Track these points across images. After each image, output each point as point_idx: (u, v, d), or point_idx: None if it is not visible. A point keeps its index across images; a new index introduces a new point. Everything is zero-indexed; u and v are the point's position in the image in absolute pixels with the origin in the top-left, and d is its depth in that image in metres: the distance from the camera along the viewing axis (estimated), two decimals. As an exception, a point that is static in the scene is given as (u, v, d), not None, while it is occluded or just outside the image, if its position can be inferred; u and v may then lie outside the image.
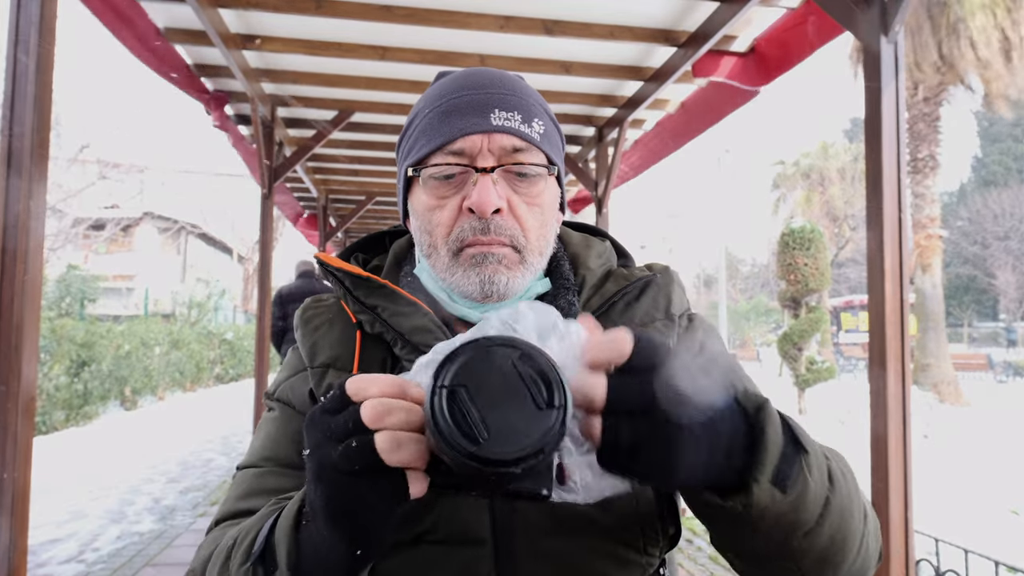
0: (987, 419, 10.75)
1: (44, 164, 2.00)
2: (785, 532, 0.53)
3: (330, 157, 5.97)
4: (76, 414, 9.11)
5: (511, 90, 0.76)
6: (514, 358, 0.45)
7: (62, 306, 11.80)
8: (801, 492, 0.52)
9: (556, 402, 0.44)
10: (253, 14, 3.27)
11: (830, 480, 0.56)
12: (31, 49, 1.96)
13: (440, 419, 0.43)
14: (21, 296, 1.91)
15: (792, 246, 11.56)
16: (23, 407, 1.91)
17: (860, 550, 0.60)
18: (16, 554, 1.87)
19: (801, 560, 0.56)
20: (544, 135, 0.76)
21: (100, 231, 20.67)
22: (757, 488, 0.49)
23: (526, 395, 0.44)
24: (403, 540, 0.69)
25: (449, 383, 0.44)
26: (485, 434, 0.43)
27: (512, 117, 0.74)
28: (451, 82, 0.78)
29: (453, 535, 0.67)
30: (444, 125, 0.74)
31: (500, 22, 3.30)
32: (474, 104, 0.74)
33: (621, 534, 0.70)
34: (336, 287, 0.80)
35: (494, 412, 0.43)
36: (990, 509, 5.44)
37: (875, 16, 2.13)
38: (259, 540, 0.56)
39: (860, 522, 0.60)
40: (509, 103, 0.75)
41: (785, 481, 0.50)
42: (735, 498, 0.50)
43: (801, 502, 0.52)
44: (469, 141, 0.72)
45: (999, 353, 24.08)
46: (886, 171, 2.10)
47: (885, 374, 2.04)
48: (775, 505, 0.50)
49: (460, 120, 0.73)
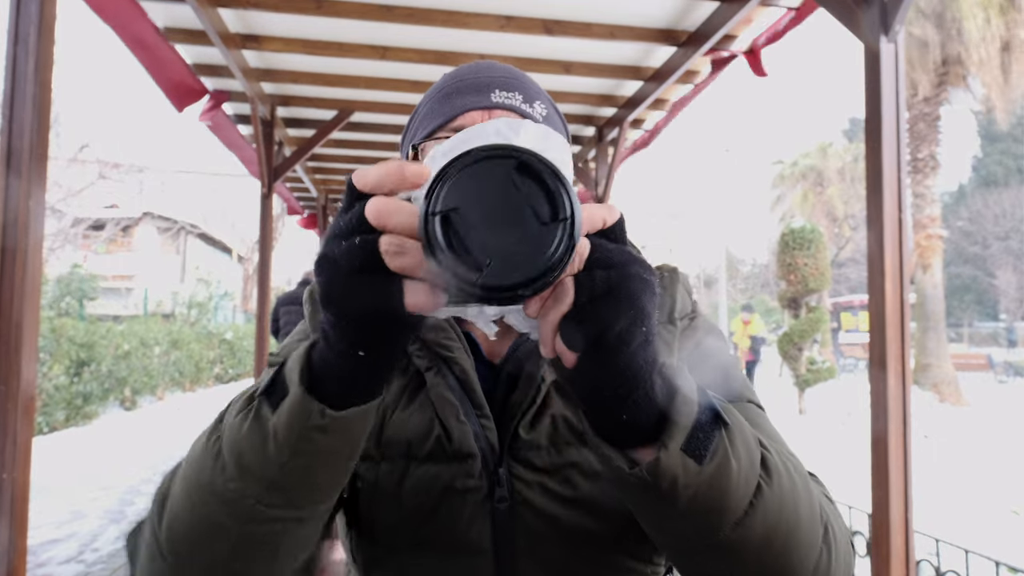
0: (987, 419, 10.75)
1: (43, 164, 2.00)
2: (709, 516, 0.48)
3: (330, 157, 5.97)
4: (76, 414, 9.11)
5: (512, 75, 0.77)
6: (511, 168, 0.40)
7: (62, 306, 11.80)
8: (721, 468, 0.47)
9: (561, 214, 0.40)
10: (253, 14, 3.27)
11: (764, 468, 0.51)
12: (31, 49, 1.96)
13: (437, 249, 0.39)
14: (21, 296, 1.91)
15: (792, 246, 11.56)
16: (23, 407, 1.91)
17: (815, 568, 0.53)
18: (15, 554, 1.87)
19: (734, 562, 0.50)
20: (546, 118, 0.76)
21: (100, 231, 20.67)
22: (665, 454, 0.45)
23: (527, 210, 0.40)
24: (402, 548, 0.68)
25: (441, 208, 0.39)
26: (487, 260, 0.39)
27: (513, 96, 0.74)
28: (452, 72, 0.79)
29: (453, 544, 0.67)
30: (444, 106, 0.74)
31: (500, 22, 3.30)
32: (475, 85, 0.74)
33: (624, 543, 0.69)
34: None
35: (495, 234, 0.39)
36: (991, 509, 5.44)
37: (875, 16, 2.12)
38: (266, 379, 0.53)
39: (815, 535, 0.54)
40: (510, 85, 0.75)
41: (699, 450, 0.46)
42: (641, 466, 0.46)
43: (722, 480, 0.47)
44: (469, 117, 0.72)
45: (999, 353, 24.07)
46: (886, 171, 2.10)
47: (885, 374, 2.04)
48: (688, 477, 0.46)
49: (460, 99, 0.74)
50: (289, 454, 0.49)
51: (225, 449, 0.52)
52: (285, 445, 0.49)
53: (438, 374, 0.71)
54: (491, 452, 0.69)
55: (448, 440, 0.69)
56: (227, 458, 0.52)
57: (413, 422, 0.70)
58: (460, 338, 0.73)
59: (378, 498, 0.69)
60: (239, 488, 0.51)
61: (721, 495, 0.47)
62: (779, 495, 0.51)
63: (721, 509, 0.48)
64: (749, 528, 0.49)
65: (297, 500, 0.52)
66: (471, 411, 0.70)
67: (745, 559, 0.50)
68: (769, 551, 0.50)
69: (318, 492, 0.53)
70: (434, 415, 0.70)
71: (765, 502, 0.50)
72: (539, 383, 0.70)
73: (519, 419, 0.70)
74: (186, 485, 0.54)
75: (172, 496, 0.56)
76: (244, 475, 0.51)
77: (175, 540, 0.54)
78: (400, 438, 0.70)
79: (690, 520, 0.49)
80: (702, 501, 0.47)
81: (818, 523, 0.55)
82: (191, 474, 0.54)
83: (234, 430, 0.52)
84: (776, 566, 0.51)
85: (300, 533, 0.55)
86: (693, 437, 0.47)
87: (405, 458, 0.69)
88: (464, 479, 0.68)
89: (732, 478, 0.48)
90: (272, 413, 0.50)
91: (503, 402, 0.72)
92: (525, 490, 0.68)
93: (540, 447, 0.69)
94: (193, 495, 0.53)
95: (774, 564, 0.51)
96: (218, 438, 0.53)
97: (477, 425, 0.70)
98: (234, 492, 0.51)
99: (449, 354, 0.72)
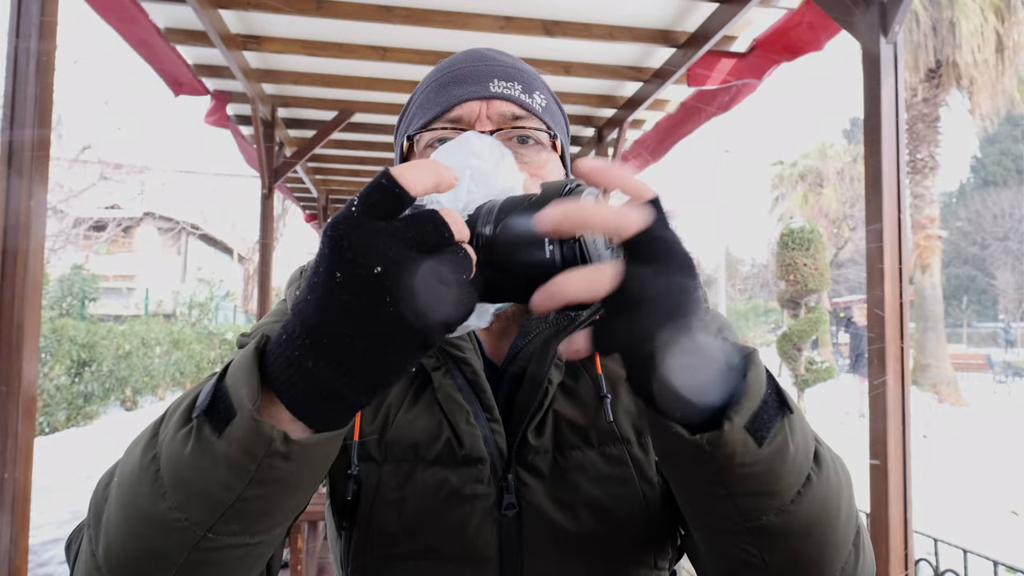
0: (986, 419, 10.75)
1: (45, 164, 2.00)
2: (756, 498, 0.47)
3: (330, 157, 5.98)
4: (77, 414, 9.12)
5: (511, 64, 0.75)
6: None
7: (63, 306, 11.80)
8: (779, 451, 0.46)
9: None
10: (253, 15, 3.27)
11: (816, 460, 0.51)
12: (32, 49, 1.96)
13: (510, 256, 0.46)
14: (22, 296, 1.91)
15: (791, 246, 11.55)
16: (24, 407, 1.91)
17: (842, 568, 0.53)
18: (17, 554, 1.87)
19: (769, 549, 0.50)
20: (546, 108, 0.74)
21: (101, 231, 20.67)
22: (729, 427, 0.45)
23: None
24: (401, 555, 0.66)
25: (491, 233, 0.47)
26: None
27: (512, 86, 0.72)
28: (449, 59, 0.77)
29: (458, 552, 0.65)
30: (441, 95, 0.72)
31: (500, 22, 3.31)
32: (473, 74, 0.72)
33: (631, 550, 0.68)
34: None
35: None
36: (989, 509, 5.44)
37: (874, 17, 2.13)
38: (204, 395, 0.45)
39: (849, 535, 0.53)
40: (509, 74, 0.73)
41: (762, 431, 0.46)
42: (704, 434, 0.45)
43: (777, 464, 0.47)
44: (467, 108, 0.71)
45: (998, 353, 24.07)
46: (885, 171, 2.11)
47: (885, 374, 2.04)
48: (747, 456, 0.45)
49: (457, 89, 0.71)
50: (245, 483, 0.43)
51: (165, 473, 0.45)
52: (240, 473, 0.42)
53: (447, 374, 0.69)
54: (500, 457, 0.67)
55: (459, 444, 0.66)
56: (167, 483, 0.45)
57: (420, 423, 0.68)
58: (470, 337, 0.71)
59: (379, 502, 0.66)
60: (185, 517, 0.44)
61: (773, 479, 0.47)
62: (825, 488, 0.50)
63: (770, 493, 0.48)
64: (793, 516, 0.49)
65: (254, 529, 0.46)
66: (480, 414, 0.68)
67: (782, 546, 0.50)
68: (807, 542, 0.50)
69: (279, 517, 0.48)
70: (443, 417, 0.68)
71: (813, 492, 0.49)
72: (545, 385, 0.68)
73: (527, 423, 0.67)
74: (122, 507, 0.48)
75: (108, 514, 0.49)
76: (190, 504, 0.44)
77: (113, 565, 0.48)
78: (406, 440, 0.67)
79: (736, 500, 0.48)
80: (753, 482, 0.47)
81: (853, 524, 0.55)
82: (127, 495, 0.47)
83: (174, 452, 0.45)
84: (809, 558, 0.51)
85: (255, 553, 0.49)
86: (758, 417, 0.46)
87: (411, 461, 0.67)
88: (473, 485, 0.65)
89: (787, 464, 0.47)
90: (217, 436, 0.42)
91: (507, 404, 0.69)
92: (532, 496, 0.66)
93: (546, 451, 0.68)
94: (131, 521, 0.47)
95: (808, 556, 0.51)
96: (155, 456, 0.46)
97: (487, 429, 0.67)
98: (179, 522, 0.44)
99: (460, 354, 0.69)
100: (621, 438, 0.69)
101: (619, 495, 0.67)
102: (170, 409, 0.49)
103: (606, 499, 0.67)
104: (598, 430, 0.69)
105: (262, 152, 4.47)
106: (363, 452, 0.68)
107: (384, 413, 0.69)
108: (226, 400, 0.43)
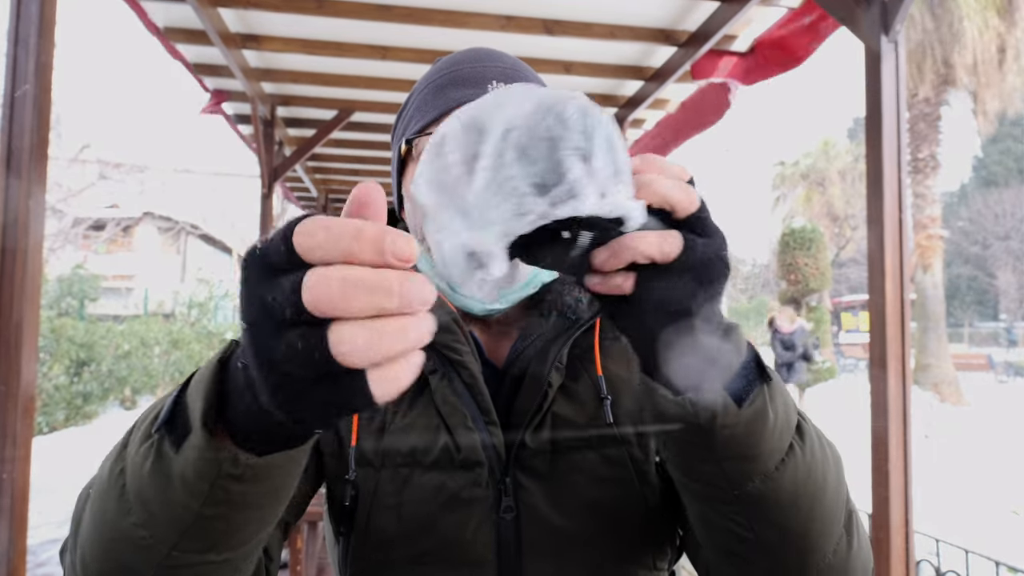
0: (987, 419, 10.75)
1: (43, 164, 2.00)
2: (741, 462, 0.49)
3: (330, 157, 5.98)
4: (76, 414, 9.12)
5: (511, 65, 0.74)
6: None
7: (62, 306, 11.81)
8: (759, 415, 0.48)
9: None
10: (253, 14, 3.27)
11: (799, 432, 0.52)
12: (31, 49, 1.96)
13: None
14: (21, 296, 1.91)
15: (793, 246, 11.57)
16: (23, 407, 1.91)
17: (834, 550, 0.53)
18: (15, 554, 1.87)
19: (757, 519, 0.51)
20: None
21: (100, 231, 20.68)
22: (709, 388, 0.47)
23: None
24: (400, 560, 0.66)
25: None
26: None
27: None
28: (448, 59, 0.76)
29: (456, 556, 0.65)
30: (439, 98, 0.71)
31: (500, 22, 3.30)
32: (471, 76, 0.71)
33: (629, 551, 0.67)
34: None
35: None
36: (991, 509, 5.44)
37: (876, 16, 2.12)
38: (165, 408, 0.43)
39: (838, 513, 0.54)
40: (507, 75, 0.72)
41: (741, 394, 0.47)
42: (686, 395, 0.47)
43: (759, 427, 0.48)
44: None
45: (999, 353, 24.06)
46: (887, 171, 2.10)
47: (885, 374, 2.04)
48: (727, 417, 0.47)
49: (456, 91, 0.70)
50: (200, 503, 0.41)
51: (129, 488, 0.44)
52: (195, 493, 0.40)
53: (444, 378, 0.68)
54: (497, 460, 0.67)
55: (456, 448, 0.66)
56: (132, 499, 0.44)
57: (417, 428, 0.67)
58: (468, 340, 0.70)
59: (377, 507, 0.66)
60: (149, 535, 0.43)
61: (756, 442, 0.48)
62: (810, 460, 0.51)
63: (753, 457, 0.49)
64: (778, 483, 0.50)
65: (219, 547, 0.45)
66: (479, 417, 0.67)
67: (769, 517, 0.51)
68: (793, 514, 0.51)
69: (244, 535, 0.45)
70: (440, 422, 0.67)
71: (796, 462, 0.50)
72: (545, 388, 0.68)
73: (526, 426, 0.67)
74: (93, 519, 0.47)
75: (83, 526, 0.48)
76: (153, 521, 0.43)
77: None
78: (403, 445, 0.67)
79: (722, 466, 0.49)
80: (735, 446, 0.48)
81: (843, 505, 0.55)
82: (97, 508, 0.47)
83: (136, 467, 0.43)
84: (797, 531, 0.52)
85: (225, 569, 0.47)
86: (736, 380, 0.48)
87: (408, 466, 0.67)
88: (471, 489, 0.65)
89: (768, 429, 0.49)
90: (175, 452, 0.41)
91: (507, 407, 0.69)
92: (530, 499, 0.66)
93: (545, 453, 0.67)
94: (103, 535, 0.46)
95: (796, 529, 0.51)
96: (122, 470, 0.45)
97: (485, 432, 0.67)
98: (144, 539, 0.43)
99: (457, 357, 0.68)
100: (621, 440, 0.69)
101: (618, 496, 0.67)
102: (138, 420, 0.47)
103: (605, 500, 0.67)
104: (597, 432, 0.69)
105: (261, 151, 4.47)
106: (360, 457, 0.67)
107: (381, 418, 0.69)
108: (184, 415, 0.41)
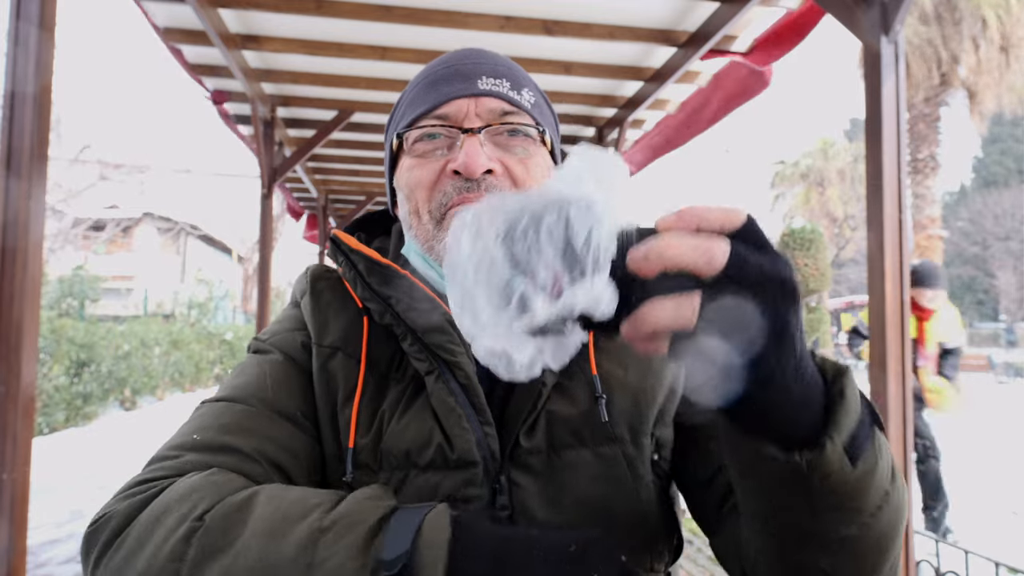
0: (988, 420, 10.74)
1: (43, 164, 2.00)
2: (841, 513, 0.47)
3: (330, 157, 5.97)
4: (76, 414, 9.11)
5: (500, 62, 0.76)
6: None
7: (62, 306, 11.80)
8: (869, 471, 0.46)
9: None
10: (253, 14, 3.27)
11: (893, 476, 0.50)
12: (31, 49, 1.96)
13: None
14: (21, 296, 1.91)
15: (792, 246, 11.58)
16: (23, 407, 1.91)
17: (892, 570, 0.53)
18: (15, 554, 1.87)
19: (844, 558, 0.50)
20: (535, 105, 0.74)
21: (100, 231, 20.68)
22: (831, 446, 0.44)
23: None
24: None
25: None
26: None
27: (500, 83, 0.72)
28: (440, 58, 0.77)
29: None
30: (430, 93, 0.72)
31: (500, 22, 3.30)
32: (462, 72, 0.73)
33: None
34: (347, 269, 0.74)
35: None
36: (991, 510, 5.44)
37: (875, 15, 2.12)
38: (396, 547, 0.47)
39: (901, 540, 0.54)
40: (498, 72, 0.73)
41: (857, 451, 0.45)
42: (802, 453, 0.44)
43: (867, 483, 0.46)
44: (455, 105, 0.71)
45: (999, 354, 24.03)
46: (887, 171, 2.10)
47: (885, 374, 2.04)
48: (840, 475, 0.45)
49: (446, 86, 0.72)
50: None
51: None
52: None
53: (439, 378, 0.69)
54: (492, 460, 0.67)
55: (450, 448, 0.66)
56: None
57: (412, 429, 0.68)
58: (463, 341, 0.70)
59: None
60: None
61: (860, 496, 0.47)
62: (899, 501, 0.50)
63: (856, 509, 0.47)
64: (870, 529, 0.48)
65: None
66: (473, 417, 0.68)
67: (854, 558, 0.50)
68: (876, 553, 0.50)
69: None
70: (435, 422, 0.68)
71: (891, 506, 0.49)
72: (540, 387, 0.68)
73: (520, 426, 0.68)
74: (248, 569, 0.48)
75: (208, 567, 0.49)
76: None
77: None
78: (399, 446, 0.67)
79: (820, 516, 0.47)
80: (840, 498, 0.46)
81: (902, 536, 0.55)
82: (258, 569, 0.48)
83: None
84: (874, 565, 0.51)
85: None
86: (855, 436, 0.45)
87: (404, 468, 0.67)
88: (466, 488, 0.66)
89: (875, 481, 0.47)
90: None
91: (502, 406, 0.69)
92: (525, 497, 0.66)
93: (540, 451, 0.68)
94: None
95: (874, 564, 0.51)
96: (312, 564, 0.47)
97: (480, 432, 0.67)
98: None
99: (452, 358, 0.68)
100: (615, 438, 0.69)
101: (612, 494, 0.68)
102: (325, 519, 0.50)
103: (599, 498, 0.67)
104: (592, 430, 0.69)
105: (261, 152, 4.47)
106: (358, 460, 0.68)
107: (379, 421, 0.69)
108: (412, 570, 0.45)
